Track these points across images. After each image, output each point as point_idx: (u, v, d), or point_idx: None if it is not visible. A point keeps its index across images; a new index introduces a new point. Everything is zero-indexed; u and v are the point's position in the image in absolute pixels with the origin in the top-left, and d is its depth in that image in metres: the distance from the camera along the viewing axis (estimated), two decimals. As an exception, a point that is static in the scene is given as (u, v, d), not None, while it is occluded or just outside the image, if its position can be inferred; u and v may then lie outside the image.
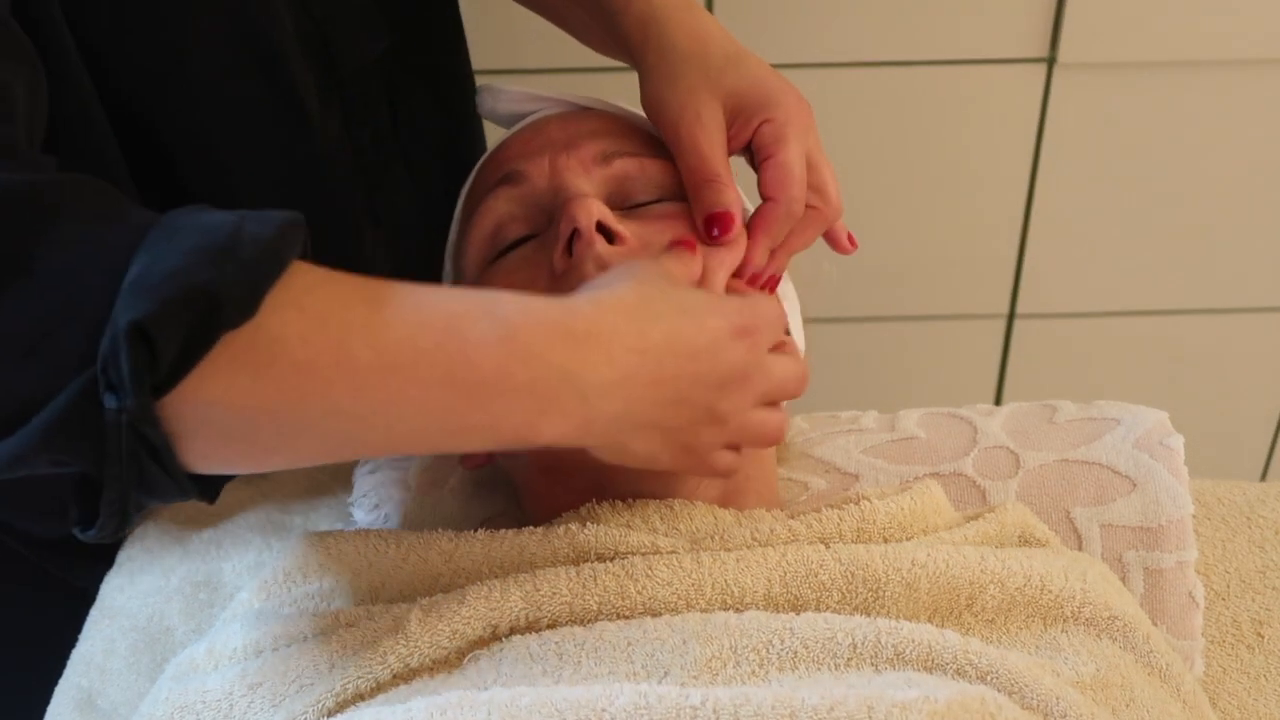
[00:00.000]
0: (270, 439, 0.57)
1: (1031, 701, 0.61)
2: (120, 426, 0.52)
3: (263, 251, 0.55)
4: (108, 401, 0.52)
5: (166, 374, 0.53)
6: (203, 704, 0.67)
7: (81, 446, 0.53)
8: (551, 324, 0.60)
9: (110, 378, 0.51)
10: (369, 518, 0.87)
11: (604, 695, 0.57)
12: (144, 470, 0.55)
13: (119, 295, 0.52)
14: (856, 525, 0.70)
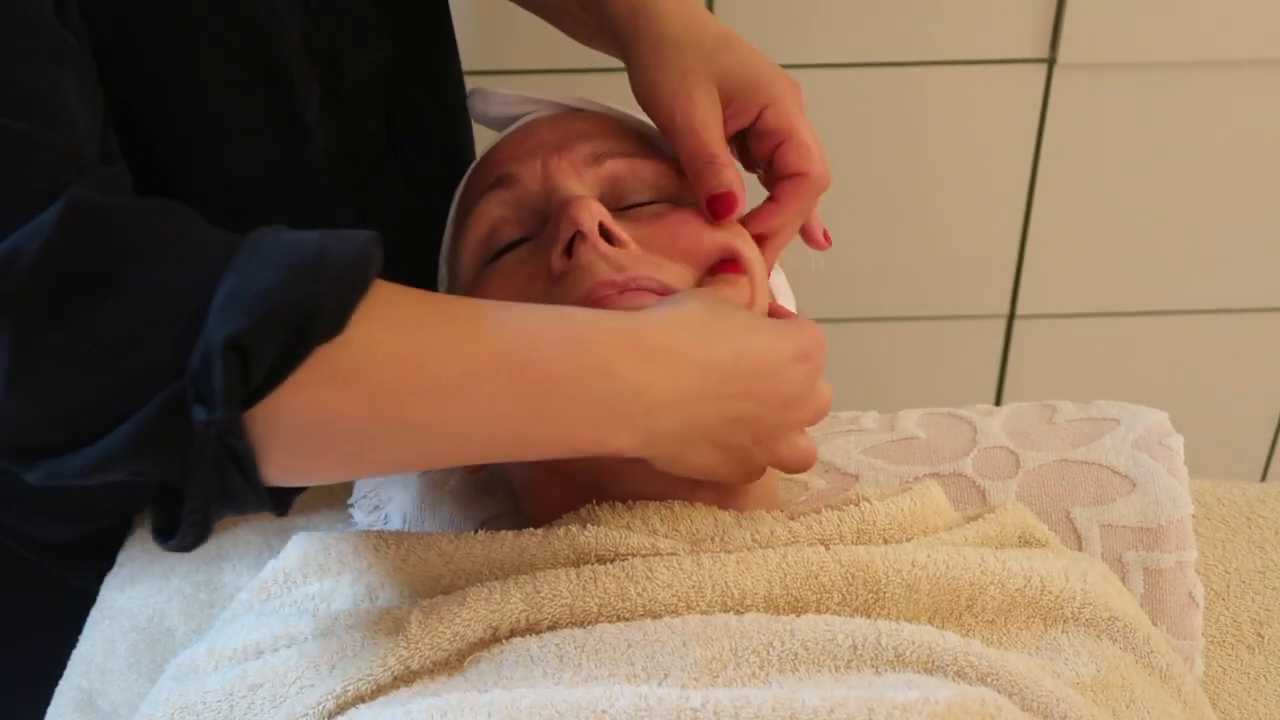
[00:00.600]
0: (351, 451, 0.59)
1: (1032, 703, 0.61)
2: (208, 438, 0.54)
3: (350, 268, 0.56)
4: (197, 414, 0.53)
5: (257, 386, 0.54)
6: (203, 705, 0.67)
7: (167, 456, 0.54)
8: (623, 339, 0.63)
9: (201, 390, 0.53)
10: (369, 519, 0.87)
11: (604, 697, 0.57)
12: (227, 481, 0.56)
13: (211, 310, 0.53)
14: (856, 526, 0.70)
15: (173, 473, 0.55)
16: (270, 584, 0.74)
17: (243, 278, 0.54)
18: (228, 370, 0.52)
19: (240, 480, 0.56)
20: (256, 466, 0.56)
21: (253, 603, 0.74)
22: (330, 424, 0.57)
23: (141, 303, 0.53)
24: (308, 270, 0.55)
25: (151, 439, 0.54)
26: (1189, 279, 1.49)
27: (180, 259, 0.55)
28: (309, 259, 0.55)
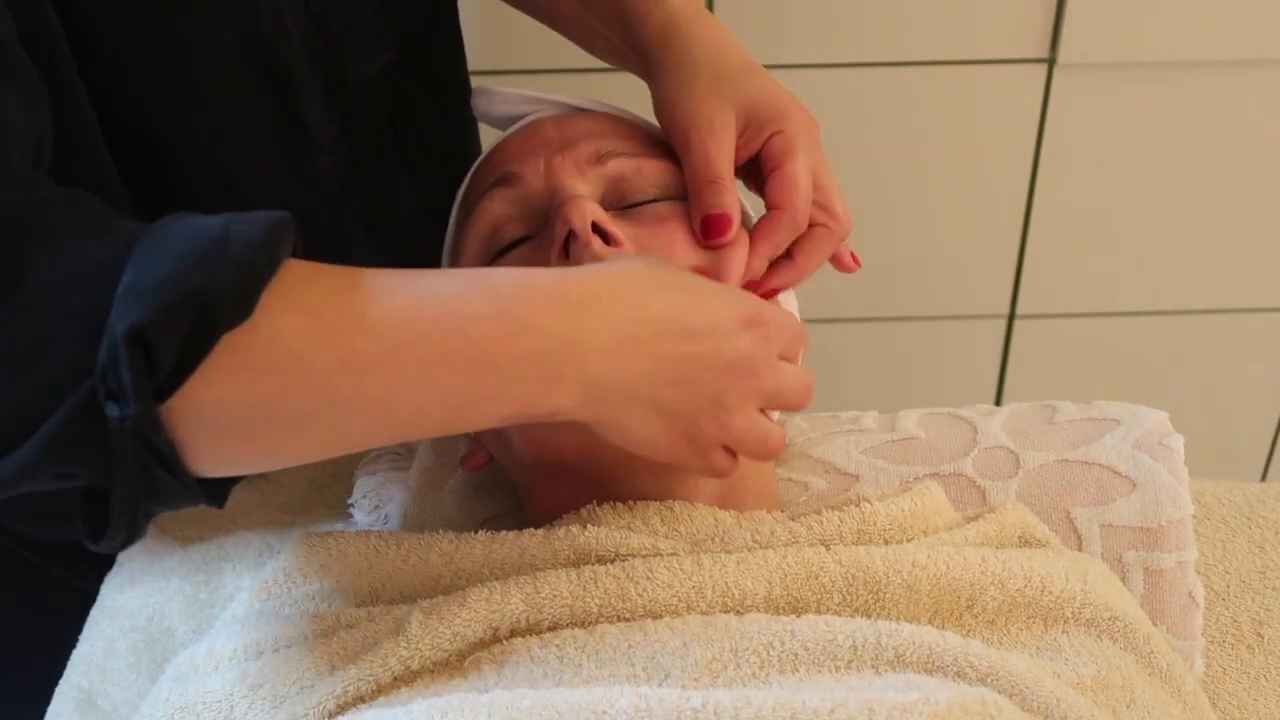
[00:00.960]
0: (276, 436, 0.58)
1: (1032, 703, 0.61)
2: (125, 434, 0.53)
3: (253, 251, 0.55)
4: (110, 410, 0.52)
5: (167, 379, 0.53)
6: (203, 705, 0.67)
7: (87, 457, 0.53)
8: (546, 292, 0.61)
9: (111, 386, 0.52)
10: (369, 519, 0.87)
11: (605, 698, 0.57)
12: (152, 477, 0.55)
13: (113, 304, 0.52)
14: (857, 527, 0.70)
15: (95, 474, 0.54)
16: (271, 584, 0.74)
17: (143, 267, 0.53)
18: (133, 363, 0.51)
19: (166, 476, 0.55)
20: (181, 461, 0.55)
21: (253, 603, 0.74)
22: (249, 411, 0.56)
23: (44, 303, 0.52)
24: (209, 256, 0.54)
25: (69, 443, 0.53)
26: (1189, 279, 1.49)
27: (82, 254, 0.54)
28: (210, 245, 0.54)
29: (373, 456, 0.91)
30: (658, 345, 0.63)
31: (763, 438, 0.67)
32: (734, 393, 0.65)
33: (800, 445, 0.88)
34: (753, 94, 0.76)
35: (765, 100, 0.75)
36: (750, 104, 0.75)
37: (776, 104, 0.75)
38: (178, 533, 0.93)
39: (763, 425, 0.67)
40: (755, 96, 0.75)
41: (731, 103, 0.75)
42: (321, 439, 0.59)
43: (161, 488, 0.56)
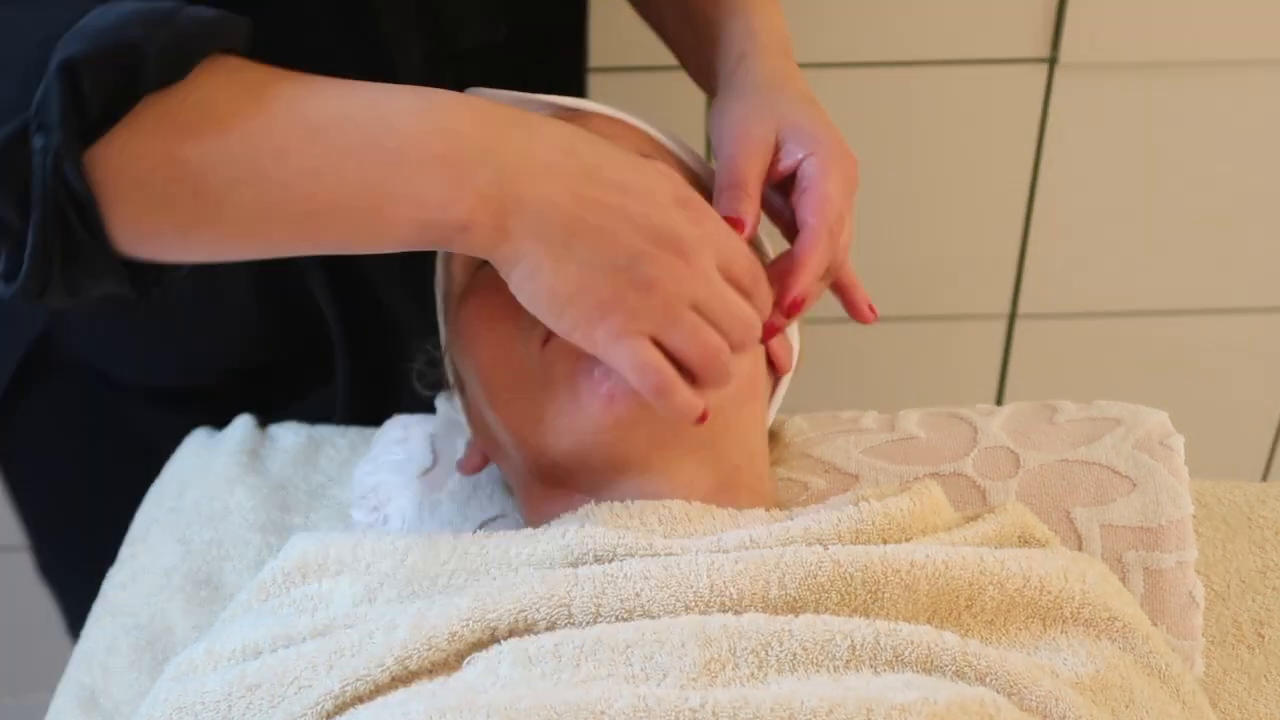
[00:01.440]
0: (195, 204, 0.59)
1: (1031, 703, 0.61)
2: (46, 169, 0.55)
3: (198, 26, 0.58)
4: (36, 141, 0.55)
5: (94, 121, 0.56)
6: (201, 705, 0.67)
7: (7, 190, 0.56)
8: (479, 107, 0.62)
9: (42, 118, 0.55)
10: (368, 519, 0.87)
11: (602, 698, 0.57)
12: (70, 229, 0.57)
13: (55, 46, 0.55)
14: (855, 527, 0.70)
15: (11, 205, 0.56)
16: (269, 584, 0.74)
17: (93, 19, 0.56)
18: (62, 95, 0.54)
19: (83, 231, 0.57)
20: (98, 213, 0.57)
21: (251, 603, 0.74)
22: (170, 171, 0.58)
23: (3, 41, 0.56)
24: (154, 19, 0.57)
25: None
26: (1189, 279, 1.49)
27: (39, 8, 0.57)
28: (160, 13, 0.58)
29: (372, 457, 0.91)
30: (581, 183, 0.62)
31: (694, 337, 0.64)
32: (657, 265, 0.62)
33: (800, 445, 0.88)
34: (799, 118, 0.76)
35: (808, 125, 0.75)
36: (791, 123, 0.75)
37: (815, 130, 0.75)
38: (180, 531, 0.93)
39: (694, 323, 0.64)
40: (801, 121, 0.76)
41: (774, 119, 0.75)
42: (237, 216, 0.60)
43: (79, 247, 0.58)
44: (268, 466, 0.97)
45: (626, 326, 0.63)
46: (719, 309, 0.65)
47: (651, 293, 0.63)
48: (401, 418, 0.94)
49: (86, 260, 0.59)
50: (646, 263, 0.62)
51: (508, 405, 0.72)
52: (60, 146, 0.55)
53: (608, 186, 0.62)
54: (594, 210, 0.62)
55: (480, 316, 0.74)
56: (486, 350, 0.73)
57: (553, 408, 0.70)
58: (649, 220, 0.63)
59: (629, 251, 0.62)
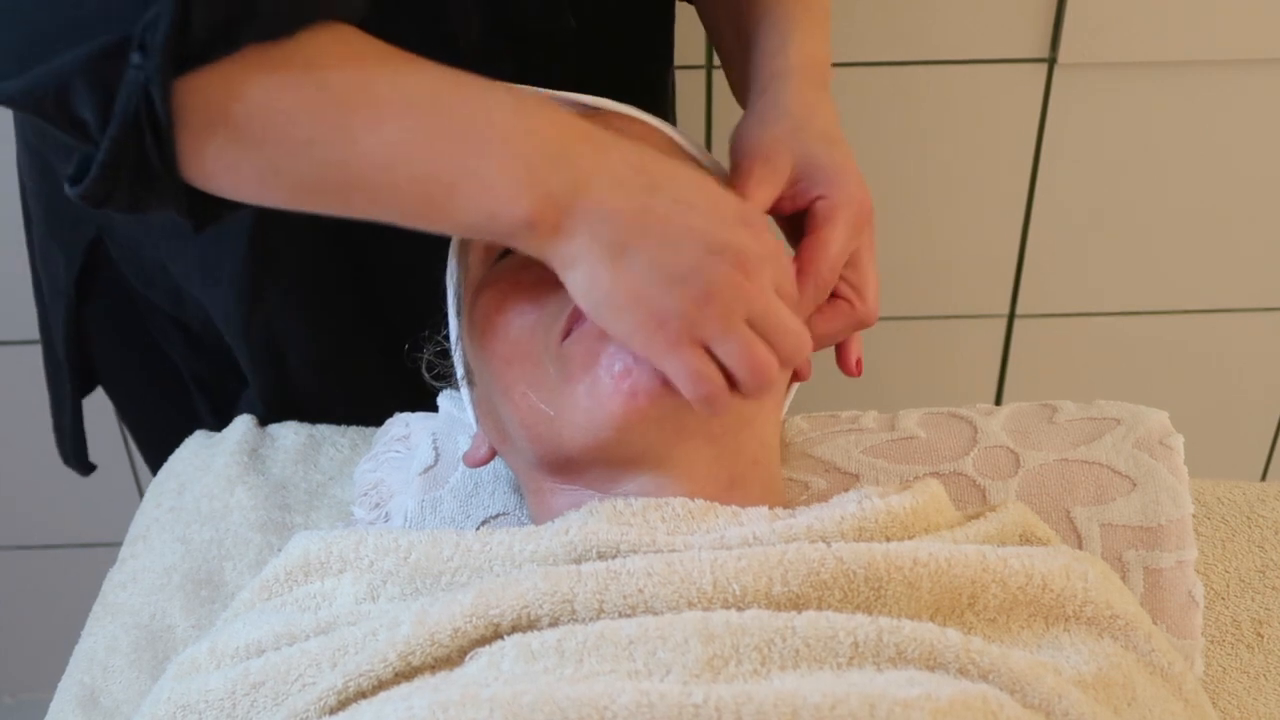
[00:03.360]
0: (276, 153, 0.61)
1: (1033, 700, 0.61)
2: (135, 86, 0.57)
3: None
4: (134, 57, 0.56)
5: (196, 51, 0.57)
6: (205, 703, 0.67)
7: (94, 96, 0.57)
8: (568, 119, 0.65)
9: (146, 37, 0.56)
10: (369, 517, 0.87)
11: (606, 693, 0.57)
12: (143, 149, 0.58)
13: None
14: (858, 524, 0.70)
15: (96, 117, 0.58)
16: (271, 582, 0.74)
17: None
18: (173, 17, 0.56)
19: (156, 155, 0.58)
20: (173, 142, 0.58)
21: (254, 601, 0.74)
22: (264, 115, 0.59)
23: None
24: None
25: (85, 73, 0.57)
26: (1189, 279, 1.49)
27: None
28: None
29: (374, 454, 0.91)
30: (648, 197, 0.64)
31: (747, 350, 0.65)
32: (717, 278, 0.64)
33: (800, 445, 0.88)
34: (819, 155, 0.76)
35: (826, 164, 0.75)
36: (811, 161, 0.75)
37: (836, 171, 0.75)
38: (180, 531, 0.93)
39: (749, 337, 0.65)
40: (820, 158, 0.75)
41: (795, 151, 0.75)
42: (316, 173, 0.62)
43: (148, 169, 0.59)
44: (268, 466, 0.97)
45: (683, 335, 0.64)
46: (773, 325, 0.66)
47: (710, 303, 0.64)
48: (403, 415, 0.94)
49: (152, 183, 0.60)
50: (706, 274, 0.64)
51: (523, 399, 0.72)
52: (154, 69, 0.56)
53: (674, 201, 0.64)
54: (658, 221, 0.64)
55: (498, 309, 0.74)
56: (503, 343, 0.74)
57: (570, 403, 0.70)
58: (711, 234, 0.64)
59: (690, 262, 0.64)
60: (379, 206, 0.64)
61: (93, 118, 0.58)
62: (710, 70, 1.33)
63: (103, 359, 1.08)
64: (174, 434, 1.02)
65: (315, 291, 0.99)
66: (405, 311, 0.88)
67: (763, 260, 0.66)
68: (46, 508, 1.65)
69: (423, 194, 0.63)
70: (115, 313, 1.04)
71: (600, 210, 0.63)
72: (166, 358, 1.07)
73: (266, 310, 0.97)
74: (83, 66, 0.57)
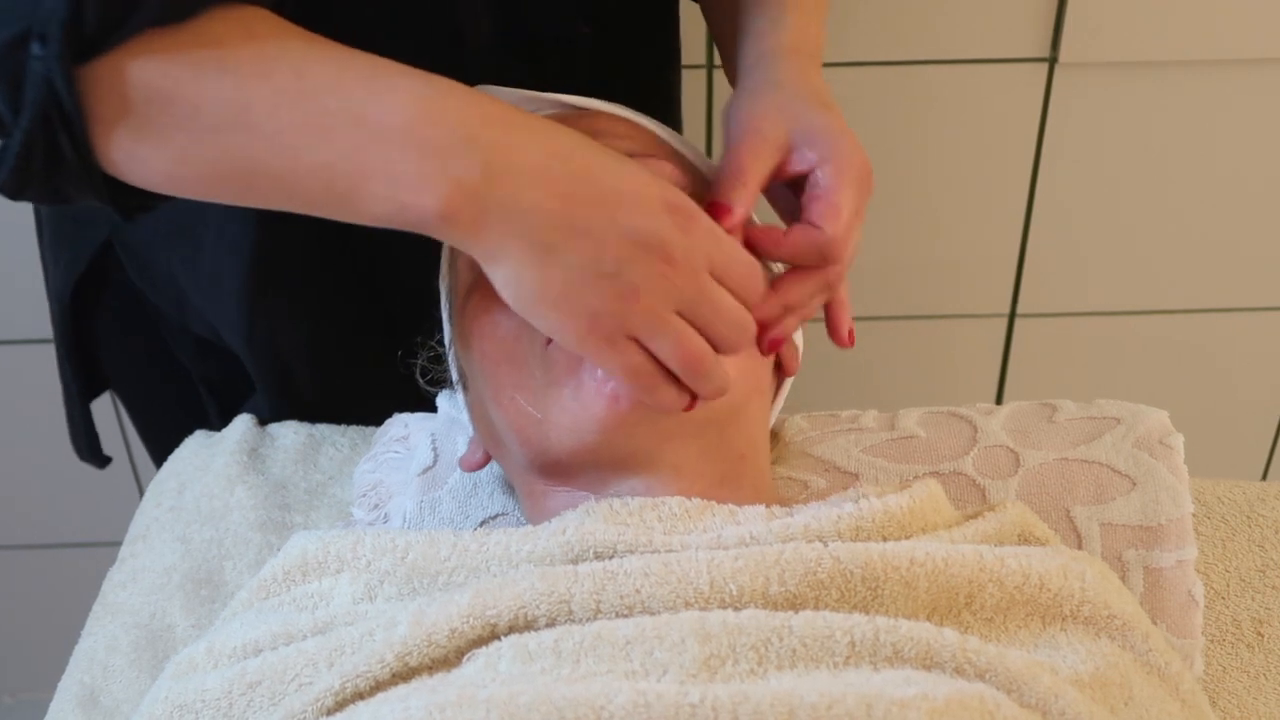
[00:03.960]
0: (180, 140, 0.60)
1: (1030, 699, 0.61)
2: (38, 77, 0.57)
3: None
4: (34, 48, 0.56)
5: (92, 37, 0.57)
6: (202, 703, 0.67)
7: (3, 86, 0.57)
8: (477, 101, 0.62)
9: (43, 28, 0.56)
10: (368, 517, 0.87)
11: (603, 693, 0.57)
12: (55, 139, 0.58)
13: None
14: (855, 524, 0.70)
15: (7, 108, 0.58)
16: (270, 582, 0.74)
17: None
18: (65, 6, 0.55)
19: (69, 145, 0.58)
20: (85, 130, 0.58)
21: (252, 601, 0.74)
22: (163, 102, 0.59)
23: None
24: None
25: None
26: (1189, 279, 1.49)
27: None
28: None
29: (373, 455, 0.91)
30: (567, 185, 0.62)
31: (678, 342, 0.64)
32: (641, 271, 0.63)
33: (800, 444, 0.88)
34: (812, 120, 0.75)
35: (821, 126, 0.74)
36: (805, 127, 0.74)
37: (829, 136, 0.74)
38: (180, 531, 0.93)
39: (678, 329, 0.64)
40: (813, 122, 0.74)
41: (787, 121, 0.74)
42: (221, 159, 0.61)
43: (63, 159, 0.59)
44: (268, 465, 0.97)
45: (613, 332, 0.63)
46: (707, 313, 0.65)
47: (636, 299, 0.63)
48: (402, 416, 0.94)
49: (68, 171, 0.60)
50: (631, 268, 0.62)
51: (511, 402, 0.73)
52: (54, 59, 0.56)
53: (596, 191, 0.62)
54: (581, 215, 0.62)
55: (486, 312, 0.74)
56: (492, 347, 0.73)
57: (556, 407, 0.71)
58: (636, 225, 0.63)
59: (614, 257, 0.62)
60: (287, 196, 0.63)
61: (4, 109, 0.58)
62: (710, 70, 1.33)
63: (112, 361, 1.08)
64: (183, 436, 1.02)
65: (317, 297, 0.99)
66: (405, 314, 0.88)
67: (690, 249, 0.64)
68: (46, 508, 1.65)
69: (327, 183, 0.61)
70: (125, 315, 1.04)
71: (520, 202, 0.61)
72: (176, 360, 1.07)
73: (269, 317, 0.97)
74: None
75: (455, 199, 0.60)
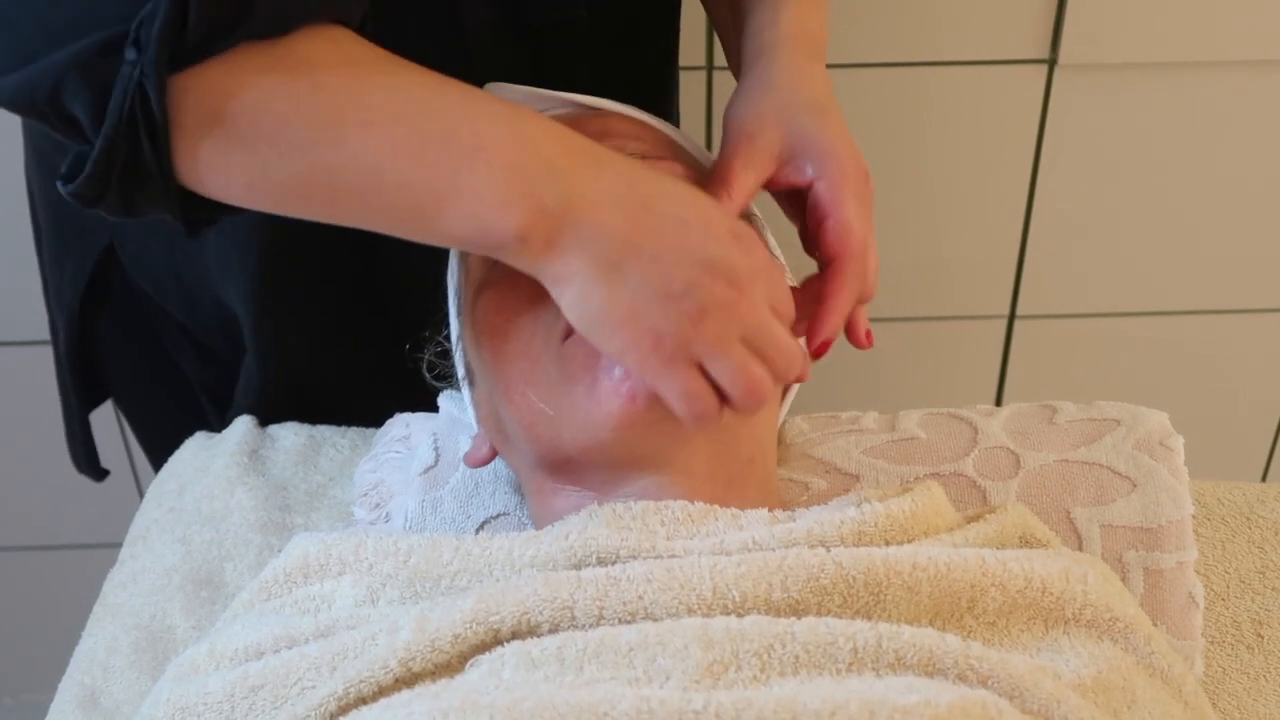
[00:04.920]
0: (267, 154, 0.61)
1: (1032, 706, 0.61)
2: (130, 82, 0.56)
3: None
4: (129, 53, 0.56)
5: (191, 49, 0.57)
6: (204, 706, 0.67)
7: (88, 93, 0.57)
8: (556, 130, 0.64)
9: (141, 33, 0.56)
10: (369, 517, 0.87)
11: (606, 700, 0.57)
12: (137, 147, 0.58)
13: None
14: (857, 528, 0.70)
15: (90, 115, 0.58)
16: (271, 584, 0.74)
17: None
18: (168, 13, 0.56)
19: (150, 153, 0.58)
20: (168, 139, 0.58)
21: (253, 603, 0.74)
22: (256, 114, 0.59)
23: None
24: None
25: (79, 69, 0.57)
26: (1188, 280, 1.49)
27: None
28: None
29: (374, 454, 0.91)
30: (640, 213, 0.63)
31: (742, 370, 0.64)
32: (711, 296, 0.64)
33: (800, 445, 0.88)
34: (807, 128, 0.75)
35: (816, 136, 0.75)
36: (800, 135, 0.75)
37: (825, 144, 0.74)
38: (181, 532, 0.93)
39: (743, 356, 0.65)
40: (809, 131, 0.75)
41: (782, 127, 0.75)
42: (306, 176, 0.62)
43: (142, 168, 0.59)
44: (268, 466, 0.97)
45: (677, 354, 0.64)
46: (767, 343, 0.66)
47: (704, 322, 0.64)
48: (403, 416, 0.94)
49: (146, 182, 0.60)
50: (700, 292, 0.63)
51: (523, 399, 0.73)
52: (150, 65, 0.56)
53: (666, 217, 0.64)
54: (651, 238, 0.63)
55: (499, 309, 0.74)
56: (504, 343, 0.74)
57: (570, 403, 0.71)
58: (705, 251, 0.64)
59: (684, 280, 0.63)
60: (367, 214, 0.64)
61: (85, 115, 0.58)
62: (710, 70, 1.33)
63: (113, 367, 1.08)
64: (182, 441, 1.02)
65: (323, 291, 0.99)
66: (410, 310, 0.88)
67: (755, 276, 0.65)
68: (47, 508, 1.65)
69: (411, 202, 0.62)
70: (126, 321, 1.04)
71: (593, 226, 0.62)
72: (177, 366, 1.07)
73: (276, 308, 0.97)
74: (77, 62, 0.57)
75: (534, 222, 0.62)
